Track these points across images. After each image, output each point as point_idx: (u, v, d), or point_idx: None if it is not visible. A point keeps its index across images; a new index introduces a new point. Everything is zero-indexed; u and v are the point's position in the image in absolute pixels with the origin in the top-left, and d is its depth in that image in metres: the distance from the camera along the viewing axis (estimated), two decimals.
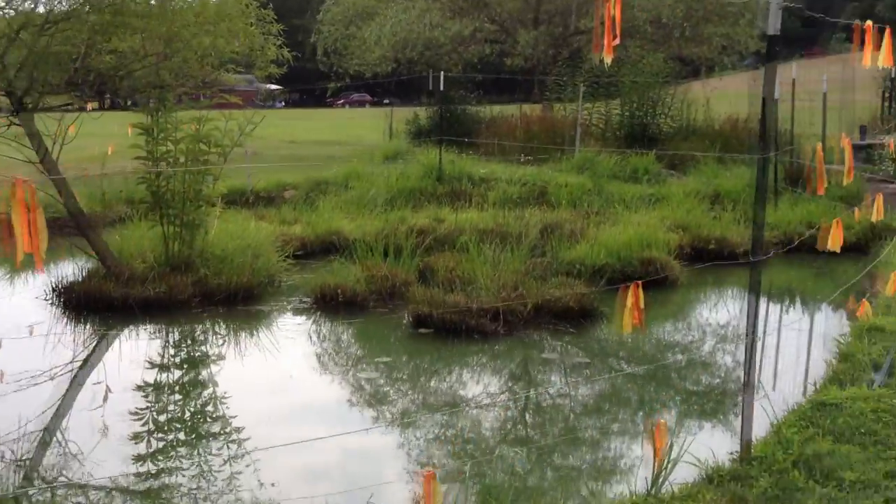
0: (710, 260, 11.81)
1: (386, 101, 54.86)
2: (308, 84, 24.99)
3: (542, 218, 13.02)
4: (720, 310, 10.13)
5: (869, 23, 5.22)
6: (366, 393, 6.54)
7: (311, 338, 8.10)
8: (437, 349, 7.58)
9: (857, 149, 17.17)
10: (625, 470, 4.96)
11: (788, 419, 4.51)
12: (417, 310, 8.24)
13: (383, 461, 5.20)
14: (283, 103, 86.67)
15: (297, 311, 9.02)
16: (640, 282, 3.94)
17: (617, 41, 3.78)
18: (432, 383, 6.86)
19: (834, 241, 5.33)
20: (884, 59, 5.56)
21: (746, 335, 4.13)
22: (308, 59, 26.66)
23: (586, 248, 10.56)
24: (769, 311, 9.47)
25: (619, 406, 6.12)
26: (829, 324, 8.05)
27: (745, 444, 4.07)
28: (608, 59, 3.77)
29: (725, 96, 22.12)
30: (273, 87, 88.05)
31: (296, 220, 13.54)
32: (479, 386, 6.76)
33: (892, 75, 19.89)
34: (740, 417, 4.13)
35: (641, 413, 5.86)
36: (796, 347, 7.12)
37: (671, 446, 4.08)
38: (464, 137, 21.41)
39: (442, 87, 17.56)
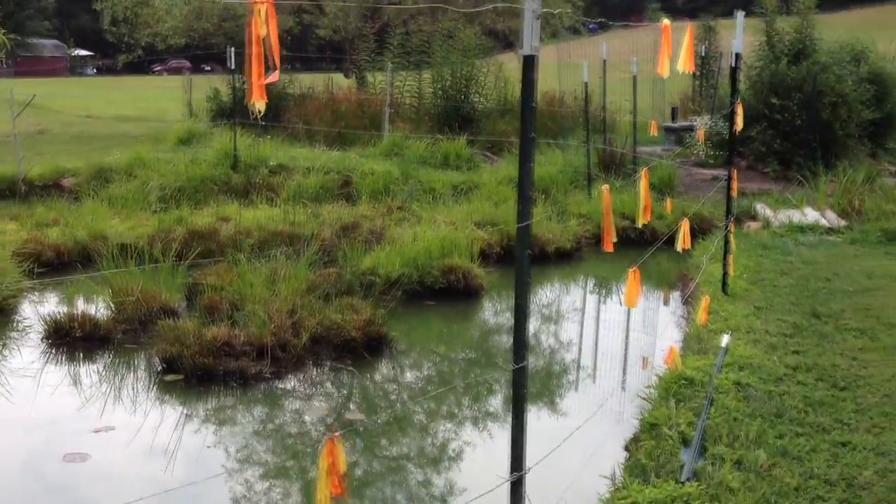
0: None
1: (206, 67, 51.50)
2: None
3: (339, 215, 11.78)
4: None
5: (666, 22, 4.24)
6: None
7: (21, 393, 6.47)
8: (175, 406, 6.16)
9: (668, 131, 16.86)
10: None
11: None
12: (165, 350, 6.83)
13: None
14: (95, 70, 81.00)
15: (19, 351, 7.37)
16: (337, 434, 2.74)
17: (274, 77, 2.59)
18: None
19: (630, 296, 4.37)
20: (683, 64, 4.64)
21: (511, 471, 3.05)
22: None
23: (381, 255, 9.42)
24: (565, 338, 8.59)
25: None
26: (637, 365, 7.13)
27: None
28: (259, 106, 2.59)
29: (541, 69, 21.47)
30: (83, 52, 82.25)
31: (55, 220, 11.66)
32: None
33: (703, 53, 19.76)
34: None
35: None
36: (596, 407, 6.10)
37: None
38: (268, 117, 19.77)
39: (233, 65, 15.88)
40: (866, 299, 7.29)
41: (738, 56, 6.89)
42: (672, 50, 5.00)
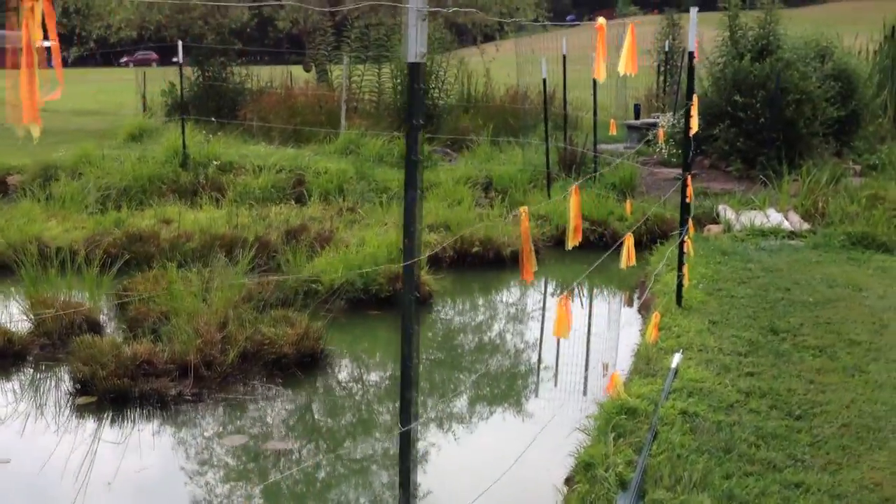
0: (474, 265, 10.56)
1: (174, 59, 50.45)
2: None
3: (287, 216, 11.30)
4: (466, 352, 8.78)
5: (601, 21, 3.83)
6: None
7: None
8: (82, 435, 5.66)
9: (631, 129, 16.51)
10: None
11: None
12: (79, 369, 6.33)
13: None
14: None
15: None
16: None
17: (55, 95, 2.17)
18: None
19: (560, 326, 3.97)
20: (625, 66, 4.23)
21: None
22: None
23: (324, 261, 8.97)
24: (507, 352, 8.20)
25: None
26: (581, 387, 6.66)
27: None
28: (34, 132, 2.17)
29: (506, 63, 21.14)
30: (47, 44, 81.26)
31: None
32: None
33: (667, 48, 19.43)
34: None
35: None
36: (526, 442, 5.55)
37: None
38: (224, 112, 19.19)
39: (181, 59, 15.32)
40: (827, 312, 6.94)
41: (691, 55, 6.49)
42: (634, 49, 4.62)
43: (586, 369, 7.03)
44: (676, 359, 5.61)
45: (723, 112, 13.82)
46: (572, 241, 3.98)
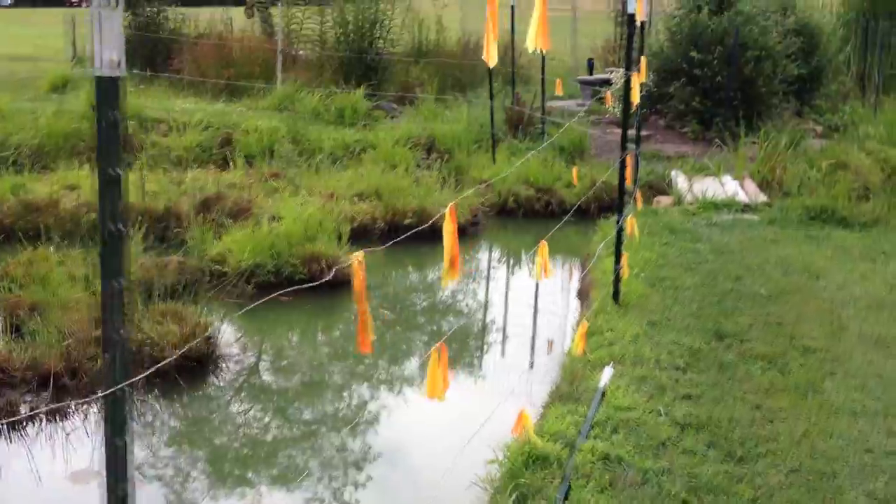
0: (409, 237, 9.69)
1: None
2: None
3: (204, 183, 10.33)
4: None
5: None
6: None
7: None
8: None
9: (584, 85, 15.62)
10: None
11: None
12: None
13: None
14: (10, 2, 76.24)
15: None
16: None
17: None
18: None
19: (433, 386, 3.17)
20: (534, 40, 3.40)
21: None
22: None
23: (232, 239, 8.08)
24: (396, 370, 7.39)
25: None
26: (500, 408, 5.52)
27: None
28: None
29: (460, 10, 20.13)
30: None
31: None
32: None
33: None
34: None
35: None
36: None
37: None
38: (157, 61, 17.99)
39: None
40: (779, 308, 6.21)
41: (631, 17, 5.63)
42: (545, 21, 3.79)
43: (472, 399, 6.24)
44: (606, 375, 4.85)
45: (678, 69, 13.00)
46: (448, 278, 3.16)
